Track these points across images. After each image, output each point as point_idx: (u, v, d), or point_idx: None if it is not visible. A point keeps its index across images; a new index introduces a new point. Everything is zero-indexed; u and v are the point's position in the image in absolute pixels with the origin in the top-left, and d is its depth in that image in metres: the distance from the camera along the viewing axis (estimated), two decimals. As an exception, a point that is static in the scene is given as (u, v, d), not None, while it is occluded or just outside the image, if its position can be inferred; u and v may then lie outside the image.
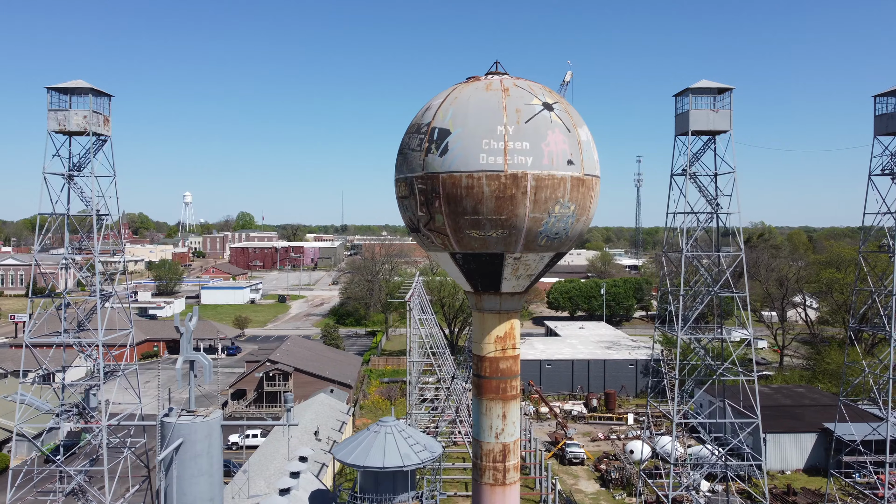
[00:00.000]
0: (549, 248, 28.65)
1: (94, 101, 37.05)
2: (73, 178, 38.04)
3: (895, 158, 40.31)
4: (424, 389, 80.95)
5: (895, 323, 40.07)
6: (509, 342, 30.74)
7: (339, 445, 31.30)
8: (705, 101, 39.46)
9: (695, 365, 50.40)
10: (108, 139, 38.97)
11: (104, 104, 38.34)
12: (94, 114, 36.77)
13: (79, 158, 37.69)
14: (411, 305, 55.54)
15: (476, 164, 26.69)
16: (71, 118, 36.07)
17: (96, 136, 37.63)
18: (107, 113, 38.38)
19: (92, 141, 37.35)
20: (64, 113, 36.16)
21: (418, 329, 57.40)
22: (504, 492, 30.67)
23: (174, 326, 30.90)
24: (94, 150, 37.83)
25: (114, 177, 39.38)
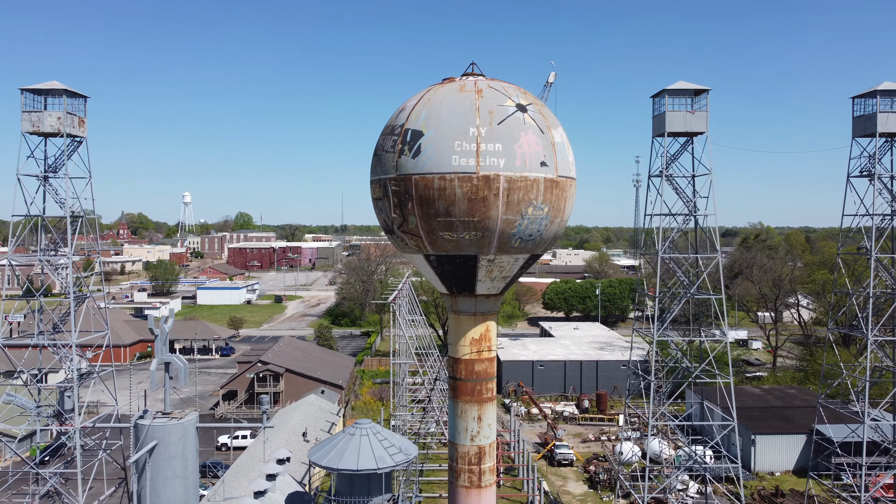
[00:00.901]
0: (523, 250, 28.56)
1: (69, 103, 36.87)
2: (49, 180, 37.92)
3: (873, 160, 40.19)
4: (417, 390, 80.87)
5: (871, 325, 39.92)
6: (485, 344, 30.61)
7: (315, 447, 31.18)
8: (682, 103, 39.32)
9: (673, 367, 50.29)
10: (83, 140, 38.80)
11: (79, 105, 38.20)
12: (68, 115, 36.61)
13: (54, 160, 37.55)
14: (395, 307, 55.42)
15: (448, 165, 26.58)
16: (45, 119, 35.94)
17: (71, 137, 37.46)
18: (82, 114, 38.21)
19: (66, 142, 37.17)
20: (38, 114, 35.98)
21: (403, 330, 57.31)
22: (480, 494, 30.56)
23: (149, 328, 30.79)
24: (69, 151, 37.65)
25: (89, 178, 39.23)
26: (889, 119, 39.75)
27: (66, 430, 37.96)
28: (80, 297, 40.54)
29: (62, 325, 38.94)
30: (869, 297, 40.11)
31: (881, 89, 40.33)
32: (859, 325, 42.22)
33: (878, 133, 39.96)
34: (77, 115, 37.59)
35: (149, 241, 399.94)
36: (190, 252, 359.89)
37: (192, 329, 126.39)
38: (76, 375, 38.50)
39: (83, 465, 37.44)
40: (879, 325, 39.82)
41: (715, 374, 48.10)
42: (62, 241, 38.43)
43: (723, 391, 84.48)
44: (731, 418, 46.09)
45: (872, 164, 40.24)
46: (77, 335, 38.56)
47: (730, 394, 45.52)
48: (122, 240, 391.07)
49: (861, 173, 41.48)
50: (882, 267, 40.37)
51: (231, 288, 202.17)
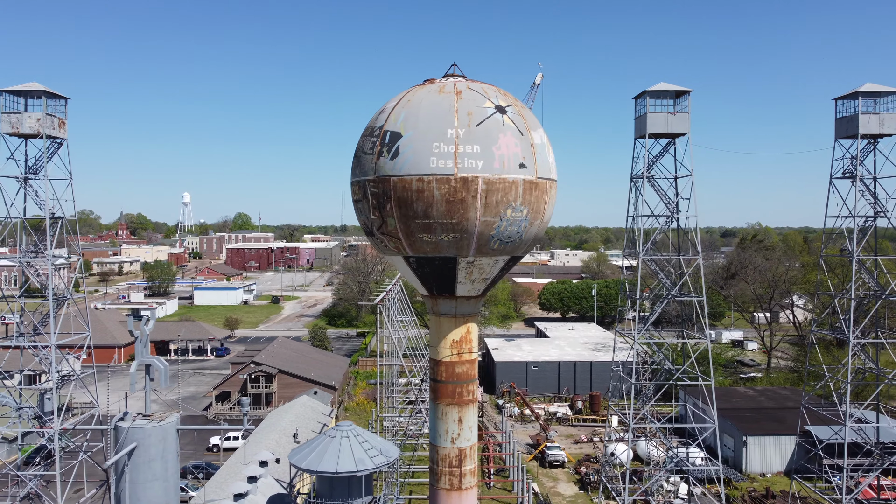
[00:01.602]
0: (502, 252, 28.49)
1: (49, 104, 36.81)
2: (29, 181, 37.84)
3: (855, 162, 40.06)
4: (410, 391, 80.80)
5: (853, 327, 39.82)
6: (465, 346, 30.53)
7: (296, 449, 31.08)
8: (664, 104, 39.21)
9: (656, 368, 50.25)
10: (63, 142, 38.70)
11: (59, 107, 38.14)
12: (48, 116, 36.53)
13: (34, 161, 37.44)
14: (382, 308, 55.36)
15: (426, 167, 26.51)
16: (24, 121, 35.85)
17: (51, 139, 37.37)
18: (62, 116, 38.15)
19: (46, 144, 37.06)
20: (17, 116, 35.88)
21: (390, 331, 57.27)
22: (460, 496, 30.48)
23: (129, 330, 30.72)
24: (49, 153, 37.55)
25: (70, 180, 39.11)
26: (871, 121, 39.65)
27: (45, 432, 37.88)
28: (61, 298, 40.40)
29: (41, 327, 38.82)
30: (851, 299, 40.02)
31: (863, 91, 40.24)
32: (842, 327, 42.14)
33: (860, 135, 39.86)
34: (57, 117, 37.50)
35: (147, 241, 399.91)
36: (188, 252, 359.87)
37: (186, 329, 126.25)
38: (55, 377, 38.42)
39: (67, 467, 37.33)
40: (861, 327, 39.77)
41: (697, 375, 47.95)
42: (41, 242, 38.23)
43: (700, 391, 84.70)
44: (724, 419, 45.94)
45: (854, 166, 40.11)
46: (57, 336, 38.41)
47: (712, 395, 45.35)
48: (120, 240, 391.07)
49: (844, 175, 41.39)
50: (864, 269, 40.25)
51: (228, 288, 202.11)
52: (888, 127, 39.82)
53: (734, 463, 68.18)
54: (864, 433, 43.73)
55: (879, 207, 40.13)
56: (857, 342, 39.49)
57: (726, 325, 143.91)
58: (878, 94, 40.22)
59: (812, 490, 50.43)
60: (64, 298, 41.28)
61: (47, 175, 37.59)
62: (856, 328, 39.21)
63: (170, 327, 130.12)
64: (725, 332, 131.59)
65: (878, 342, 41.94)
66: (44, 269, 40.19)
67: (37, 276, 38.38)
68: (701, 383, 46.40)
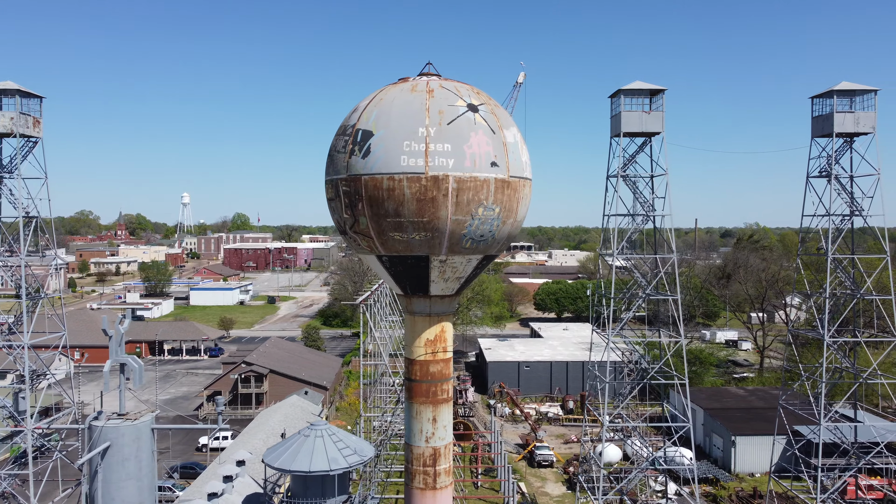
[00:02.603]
0: (475, 251, 28.42)
1: (23, 103, 36.72)
2: (3, 181, 37.77)
3: (830, 160, 39.96)
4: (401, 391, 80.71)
5: (827, 326, 39.74)
6: (440, 345, 30.48)
7: (271, 449, 31.05)
8: (639, 103, 39.10)
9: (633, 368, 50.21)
10: (38, 141, 38.65)
11: (34, 106, 38.06)
12: (21, 115, 36.44)
13: (9, 160, 37.37)
14: (364, 308, 55.33)
15: (397, 165, 26.44)
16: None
17: (25, 137, 37.32)
18: (37, 115, 38.06)
19: (20, 143, 37.00)
20: (-10, 114, 35.79)
21: (374, 331, 57.24)
22: (435, 496, 30.41)
23: (102, 329, 30.67)
24: (24, 152, 37.49)
25: (45, 179, 39.06)
26: (846, 119, 39.55)
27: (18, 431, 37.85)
28: (35, 297, 40.33)
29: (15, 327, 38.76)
30: (826, 299, 39.96)
31: (838, 89, 40.15)
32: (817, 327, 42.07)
33: (835, 133, 39.75)
34: (31, 116, 37.43)
35: (145, 241, 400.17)
36: (186, 253, 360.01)
37: (180, 329, 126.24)
38: (28, 377, 38.35)
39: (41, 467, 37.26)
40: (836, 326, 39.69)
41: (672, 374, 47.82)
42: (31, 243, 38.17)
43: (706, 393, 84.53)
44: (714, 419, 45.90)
45: (830, 165, 40.00)
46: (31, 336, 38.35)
47: (686, 394, 45.21)
48: (118, 240, 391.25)
49: (820, 174, 41.28)
50: (841, 268, 40.17)
51: (224, 289, 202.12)
52: (863, 125, 39.72)
53: (723, 463, 68.15)
54: (840, 432, 43.66)
55: (855, 206, 40.08)
56: (833, 341, 39.40)
57: (720, 326, 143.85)
58: (853, 93, 40.16)
59: (788, 489, 50.39)
60: (38, 298, 41.16)
61: (21, 174, 37.49)
62: (831, 327, 39.15)
63: (163, 327, 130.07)
64: (719, 332, 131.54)
65: (854, 341, 41.86)
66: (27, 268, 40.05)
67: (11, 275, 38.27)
68: (676, 382, 46.25)
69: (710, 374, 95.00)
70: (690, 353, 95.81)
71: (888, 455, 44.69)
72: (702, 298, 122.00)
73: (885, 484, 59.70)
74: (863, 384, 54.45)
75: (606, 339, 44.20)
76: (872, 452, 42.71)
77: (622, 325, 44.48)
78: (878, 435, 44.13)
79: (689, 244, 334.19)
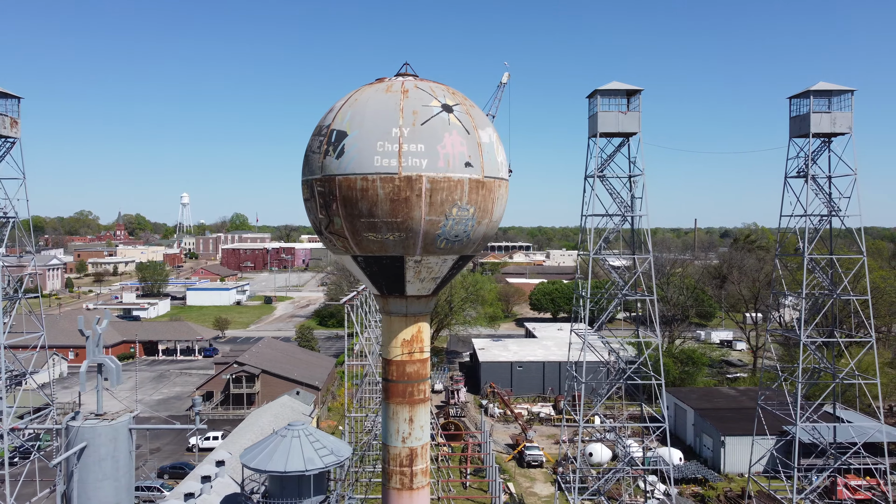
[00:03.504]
0: (450, 251, 28.42)
1: (0, 104, 36.67)
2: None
3: (807, 161, 39.95)
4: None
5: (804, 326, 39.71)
6: (416, 346, 30.48)
7: (247, 449, 31.04)
8: (616, 103, 39.09)
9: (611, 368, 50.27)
10: (16, 141, 38.66)
11: (12, 106, 38.06)
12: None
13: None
14: (349, 308, 55.35)
15: (370, 166, 26.45)
16: (-28, 120, 35.67)
17: (3, 138, 37.32)
18: (15, 115, 38.07)
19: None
20: (-33, 115, 35.73)
21: (358, 331, 57.27)
22: (411, 496, 30.41)
23: (78, 330, 30.65)
24: (1, 152, 37.48)
25: (23, 179, 39.06)
26: (822, 119, 39.54)
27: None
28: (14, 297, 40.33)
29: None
30: (802, 299, 39.97)
31: (814, 90, 40.12)
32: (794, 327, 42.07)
33: (812, 133, 39.72)
34: (9, 116, 37.41)
35: (144, 242, 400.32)
36: (185, 253, 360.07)
37: (174, 330, 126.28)
38: (3, 377, 38.36)
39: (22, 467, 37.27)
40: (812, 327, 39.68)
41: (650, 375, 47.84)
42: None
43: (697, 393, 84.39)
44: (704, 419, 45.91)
45: (807, 165, 39.98)
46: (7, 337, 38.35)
47: (662, 394, 45.21)
48: (117, 241, 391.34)
49: (798, 174, 41.27)
50: (819, 269, 40.18)
51: (221, 289, 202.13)
52: (839, 126, 39.70)
53: (713, 463, 68.14)
54: (818, 433, 43.63)
55: (833, 207, 40.04)
56: (811, 342, 39.39)
57: (715, 326, 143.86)
58: (830, 93, 40.12)
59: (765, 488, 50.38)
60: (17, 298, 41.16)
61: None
62: (807, 328, 39.15)
63: (158, 327, 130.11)
64: (714, 333, 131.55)
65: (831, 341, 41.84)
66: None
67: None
68: (653, 382, 46.26)
69: (702, 375, 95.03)
70: (683, 354, 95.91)
71: (866, 455, 44.69)
72: (696, 299, 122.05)
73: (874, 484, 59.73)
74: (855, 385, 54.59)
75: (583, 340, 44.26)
76: (849, 452, 42.69)
77: (599, 325, 44.52)
78: (855, 435, 44.10)
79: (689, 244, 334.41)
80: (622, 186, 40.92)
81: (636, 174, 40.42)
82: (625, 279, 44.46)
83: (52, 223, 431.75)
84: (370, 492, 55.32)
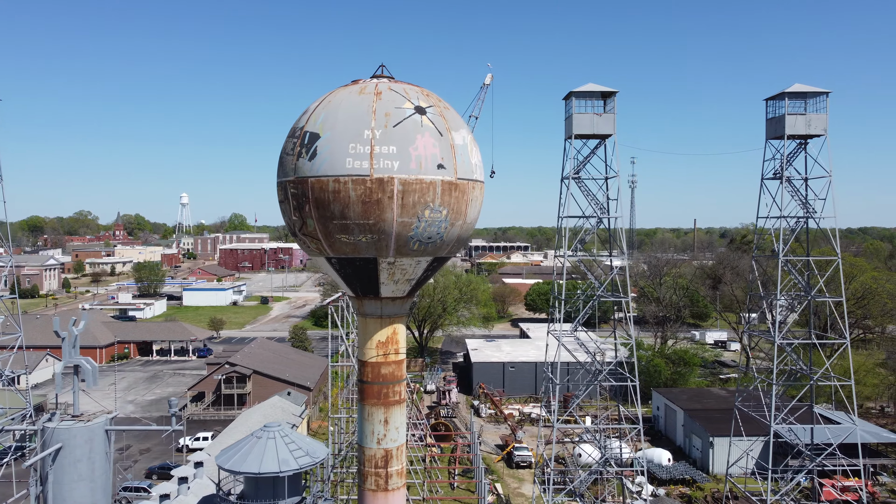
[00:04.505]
0: (423, 253, 28.45)
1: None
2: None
3: (783, 162, 39.99)
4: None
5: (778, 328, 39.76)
6: (391, 347, 30.49)
7: (224, 451, 31.08)
8: (592, 105, 39.17)
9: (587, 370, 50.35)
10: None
11: (-11, 107, 38.19)
12: (-25, 117, 36.55)
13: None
14: (332, 310, 55.40)
15: (342, 168, 26.48)
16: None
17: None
18: (-8, 116, 38.17)
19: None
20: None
21: (342, 332, 57.33)
22: (386, 497, 30.43)
23: (54, 331, 30.72)
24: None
25: (0, 181, 39.16)
26: (797, 121, 39.60)
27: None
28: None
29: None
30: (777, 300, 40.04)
31: (789, 91, 40.20)
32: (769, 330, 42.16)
33: (787, 135, 39.79)
34: (-15, 118, 37.54)
35: (143, 242, 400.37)
36: (183, 253, 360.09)
37: (168, 330, 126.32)
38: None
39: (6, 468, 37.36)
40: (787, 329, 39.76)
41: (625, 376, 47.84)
42: None
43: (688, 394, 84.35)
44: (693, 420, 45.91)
45: (783, 167, 40.05)
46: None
47: (637, 395, 45.23)
48: (116, 241, 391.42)
49: (774, 175, 41.34)
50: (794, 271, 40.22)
51: (217, 289, 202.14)
52: (815, 128, 39.77)
53: (702, 464, 68.18)
54: (794, 434, 43.70)
55: (809, 208, 40.10)
56: (788, 343, 39.45)
57: (708, 326, 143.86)
58: (805, 95, 40.18)
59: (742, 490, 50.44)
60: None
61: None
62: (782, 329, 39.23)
63: (152, 328, 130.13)
64: (709, 333, 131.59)
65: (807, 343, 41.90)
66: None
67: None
68: (629, 384, 46.28)
69: (695, 375, 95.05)
70: (676, 354, 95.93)
71: (842, 456, 44.73)
72: (690, 299, 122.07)
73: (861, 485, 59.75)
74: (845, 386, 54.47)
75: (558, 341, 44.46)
76: (824, 453, 42.78)
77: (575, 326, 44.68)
78: (831, 436, 44.16)
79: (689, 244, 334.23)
80: (598, 188, 41.03)
81: (611, 176, 40.48)
82: (601, 280, 44.46)
83: (52, 223, 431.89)
84: (354, 493, 55.35)
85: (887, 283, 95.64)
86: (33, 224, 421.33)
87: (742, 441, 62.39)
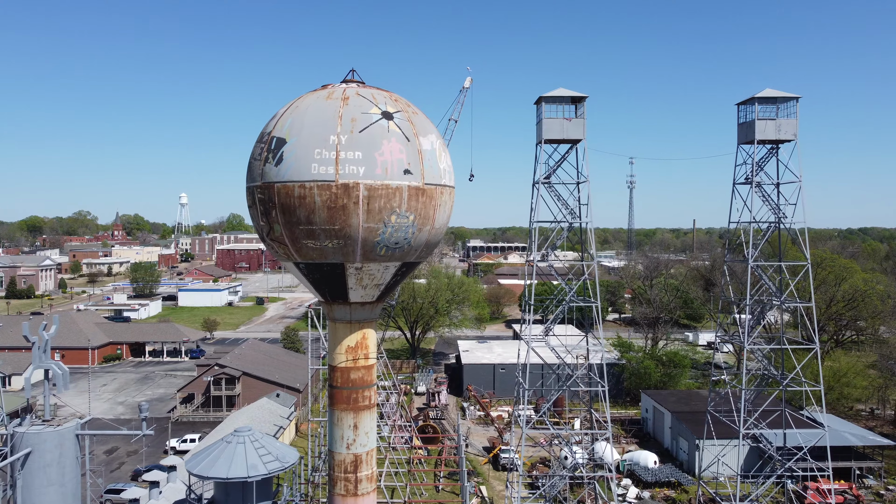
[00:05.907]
0: (391, 258, 28.45)
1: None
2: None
3: (753, 167, 39.97)
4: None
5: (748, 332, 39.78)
6: (361, 352, 30.49)
7: (194, 455, 31.09)
8: (563, 110, 39.16)
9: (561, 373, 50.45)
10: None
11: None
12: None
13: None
14: (311, 313, 55.39)
15: (308, 173, 26.49)
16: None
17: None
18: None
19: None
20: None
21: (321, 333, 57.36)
22: (356, 502, 30.43)
23: (23, 336, 30.70)
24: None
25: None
26: (767, 126, 39.56)
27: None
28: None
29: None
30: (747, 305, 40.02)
31: (760, 96, 40.16)
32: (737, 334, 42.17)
33: (757, 140, 39.82)
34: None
35: (140, 242, 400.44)
36: (180, 254, 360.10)
37: (161, 331, 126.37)
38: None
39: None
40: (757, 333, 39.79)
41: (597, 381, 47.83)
42: None
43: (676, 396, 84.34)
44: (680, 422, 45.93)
45: (753, 172, 40.05)
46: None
47: (606, 399, 45.18)
48: (114, 241, 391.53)
49: (746, 180, 41.34)
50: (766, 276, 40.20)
51: (212, 290, 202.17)
52: (784, 133, 39.76)
53: (689, 466, 68.16)
54: (765, 439, 43.68)
55: (780, 213, 40.10)
56: (756, 347, 39.44)
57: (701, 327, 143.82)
58: (775, 100, 40.13)
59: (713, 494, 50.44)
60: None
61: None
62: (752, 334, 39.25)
63: (145, 329, 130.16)
64: (701, 334, 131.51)
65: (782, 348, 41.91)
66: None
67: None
68: (599, 388, 46.24)
69: (685, 377, 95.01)
70: (666, 356, 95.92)
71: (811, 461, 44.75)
72: (683, 300, 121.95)
73: (847, 488, 59.76)
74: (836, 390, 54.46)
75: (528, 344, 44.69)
76: (794, 458, 42.78)
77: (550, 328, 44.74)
78: (802, 440, 44.15)
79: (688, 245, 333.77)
80: (569, 193, 41.07)
81: (582, 181, 40.52)
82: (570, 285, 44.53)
83: (51, 223, 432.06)
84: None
85: (878, 286, 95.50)
86: (32, 224, 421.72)
87: (714, 446, 62.17)
